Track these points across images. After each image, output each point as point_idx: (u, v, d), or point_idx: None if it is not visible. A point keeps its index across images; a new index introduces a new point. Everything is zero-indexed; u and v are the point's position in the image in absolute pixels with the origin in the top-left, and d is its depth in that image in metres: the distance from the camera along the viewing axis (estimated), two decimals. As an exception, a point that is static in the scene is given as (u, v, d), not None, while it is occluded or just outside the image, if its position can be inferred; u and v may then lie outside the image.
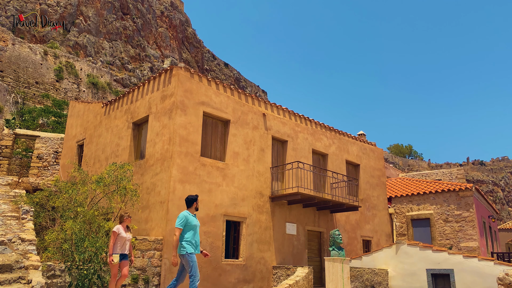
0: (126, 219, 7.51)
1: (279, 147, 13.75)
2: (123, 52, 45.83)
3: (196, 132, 11.00)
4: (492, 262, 11.55)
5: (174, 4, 58.60)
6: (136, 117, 12.19)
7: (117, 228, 7.29)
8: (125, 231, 7.40)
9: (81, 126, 15.78)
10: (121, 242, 7.29)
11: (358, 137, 17.53)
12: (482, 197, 19.56)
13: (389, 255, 13.58)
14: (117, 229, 7.26)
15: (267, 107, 13.48)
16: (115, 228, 7.28)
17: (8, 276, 6.31)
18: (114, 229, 7.26)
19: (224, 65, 64.28)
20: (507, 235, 31.12)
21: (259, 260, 11.87)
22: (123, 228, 7.35)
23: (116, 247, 7.19)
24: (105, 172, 9.33)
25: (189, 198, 6.73)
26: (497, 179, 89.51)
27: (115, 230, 7.25)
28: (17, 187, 13.42)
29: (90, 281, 7.65)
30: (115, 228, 7.27)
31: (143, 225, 10.45)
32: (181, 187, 10.28)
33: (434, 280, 12.63)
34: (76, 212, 8.54)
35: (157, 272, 9.49)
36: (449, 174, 26.14)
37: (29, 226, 9.08)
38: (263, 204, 12.39)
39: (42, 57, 33.22)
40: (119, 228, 7.29)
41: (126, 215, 7.52)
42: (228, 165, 11.66)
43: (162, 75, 11.54)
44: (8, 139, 18.97)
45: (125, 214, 7.52)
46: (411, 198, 18.61)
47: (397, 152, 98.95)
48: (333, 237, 11.40)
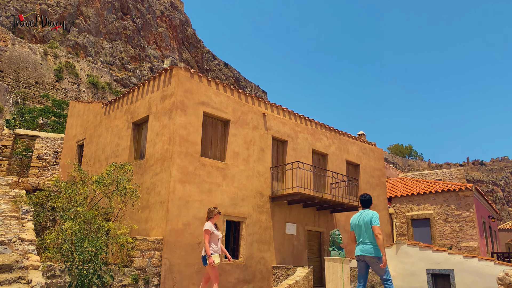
0: (216, 214, 6.95)
1: (279, 147, 13.75)
2: (123, 52, 45.83)
3: (196, 132, 11.00)
4: (492, 262, 11.55)
5: (174, 4, 58.61)
6: (136, 117, 12.19)
7: (210, 226, 6.76)
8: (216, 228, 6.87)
9: (81, 126, 15.78)
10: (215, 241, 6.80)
11: (358, 137, 17.53)
12: (482, 197, 19.56)
13: (389, 255, 13.57)
14: (209, 227, 6.74)
15: (267, 107, 13.48)
16: (207, 226, 6.73)
17: (8, 276, 6.31)
18: (206, 227, 6.71)
19: (224, 65, 64.28)
20: (507, 235, 31.12)
21: (259, 260, 11.87)
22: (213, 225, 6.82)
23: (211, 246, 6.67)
24: (105, 172, 9.33)
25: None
26: (497, 179, 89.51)
27: (208, 228, 6.70)
28: (17, 187, 13.42)
29: (90, 281, 7.64)
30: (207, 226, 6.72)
31: (143, 225, 10.45)
32: (181, 187, 10.28)
33: (434, 280, 12.63)
34: (76, 212, 8.54)
35: (157, 272, 9.49)
36: (449, 174, 26.14)
37: (29, 226, 9.08)
38: (263, 204, 12.39)
39: (42, 57, 33.22)
40: (211, 226, 6.78)
41: (216, 211, 6.95)
42: (228, 165, 11.66)
43: (162, 75, 11.54)
44: (8, 139, 18.96)
45: (214, 210, 6.96)
46: (411, 198, 18.61)
47: (397, 152, 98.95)
48: (333, 237, 11.39)
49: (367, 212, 6.12)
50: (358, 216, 6.16)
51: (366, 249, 5.92)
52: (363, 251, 5.94)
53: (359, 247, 6.03)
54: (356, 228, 6.13)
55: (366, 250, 5.93)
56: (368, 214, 6.07)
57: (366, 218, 6.04)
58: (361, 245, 6.00)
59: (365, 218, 6.05)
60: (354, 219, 6.20)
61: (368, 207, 6.26)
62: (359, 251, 6.02)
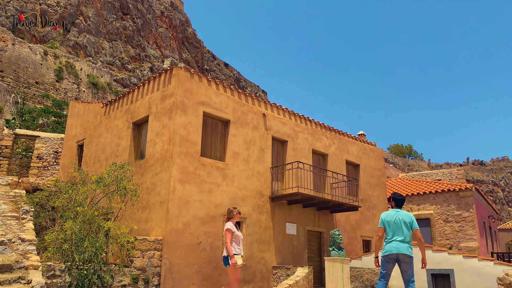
0: (236, 214, 6.77)
1: (279, 147, 13.75)
2: (123, 52, 45.83)
3: (196, 132, 11.00)
4: (492, 262, 11.55)
5: (174, 4, 58.61)
6: (136, 117, 12.19)
7: (231, 225, 6.58)
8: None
9: (81, 126, 15.78)
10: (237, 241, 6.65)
11: (358, 137, 17.54)
12: (482, 197, 19.56)
13: (389, 255, 13.56)
14: (231, 226, 6.56)
15: (267, 107, 13.48)
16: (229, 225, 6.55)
17: (8, 276, 6.31)
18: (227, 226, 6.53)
19: (224, 65, 64.29)
20: (507, 235, 31.13)
21: (259, 260, 11.87)
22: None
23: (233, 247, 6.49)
24: (105, 172, 9.33)
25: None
26: (497, 179, 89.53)
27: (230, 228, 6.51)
28: (17, 187, 13.42)
29: (90, 281, 7.64)
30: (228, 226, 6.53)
31: (143, 225, 10.45)
32: (181, 187, 10.28)
33: (434, 280, 12.63)
34: (76, 212, 8.54)
35: (157, 272, 9.49)
36: (449, 174, 26.14)
37: (29, 226, 9.09)
38: (263, 204, 12.39)
39: (42, 57, 33.23)
40: (232, 226, 6.60)
41: (235, 210, 6.78)
42: (228, 165, 11.66)
43: (162, 75, 11.54)
44: (8, 139, 18.97)
45: (234, 209, 6.79)
46: (411, 198, 18.60)
47: (397, 152, 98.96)
48: (333, 237, 11.40)
49: (406, 213, 6.09)
50: (395, 214, 6.03)
51: (403, 248, 5.82)
52: (399, 250, 5.81)
53: (392, 245, 5.87)
54: (390, 226, 5.97)
55: (402, 248, 5.81)
56: (408, 215, 6.05)
57: (406, 218, 5.99)
58: (395, 242, 5.86)
59: (404, 218, 5.99)
60: (389, 216, 6.04)
61: (401, 207, 6.20)
62: (393, 249, 5.85)
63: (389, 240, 5.95)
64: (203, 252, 10.41)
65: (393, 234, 5.94)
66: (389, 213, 6.13)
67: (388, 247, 5.91)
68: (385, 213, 6.16)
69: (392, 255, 5.85)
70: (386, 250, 5.92)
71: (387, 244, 5.98)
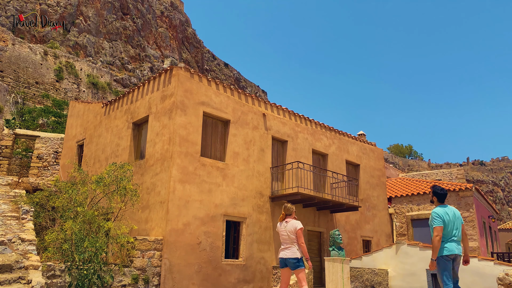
0: (294, 212, 6.42)
1: (279, 147, 13.75)
2: (123, 52, 45.83)
3: (196, 132, 11.00)
4: (492, 262, 11.55)
5: (174, 4, 58.61)
6: (136, 117, 12.19)
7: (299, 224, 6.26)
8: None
9: (81, 126, 15.78)
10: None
11: (358, 137, 17.53)
12: (482, 197, 19.56)
13: (389, 255, 13.57)
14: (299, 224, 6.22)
15: (267, 107, 13.48)
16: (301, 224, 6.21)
17: (8, 276, 6.32)
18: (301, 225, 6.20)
19: (224, 65, 64.29)
20: (507, 235, 31.14)
21: (259, 260, 11.87)
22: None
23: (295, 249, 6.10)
24: (105, 172, 9.33)
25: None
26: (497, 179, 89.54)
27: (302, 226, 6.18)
28: (17, 187, 13.42)
29: (90, 281, 7.64)
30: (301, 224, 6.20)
31: (143, 225, 10.45)
32: (181, 187, 10.28)
33: (434, 280, 12.62)
34: (76, 212, 8.54)
35: (157, 272, 9.49)
36: (449, 174, 26.14)
37: (29, 226, 9.09)
38: (263, 204, 12.39)
39: (42, 57, 33.23)
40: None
41: (292, 208, 6.41)
42: (228, 165, 11.66)
43: (162, 75, 11.54)
44: (8, 139, 18.96)
45: (291, 207, 6.40)
46: (411, 198, 18.61)
47: (397, 152, 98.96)
48: (333, 237, 11.39)
49: (454, 208, 5.71)
50: (448, 211, 5.61)
51: (460, 248, 5.51)
52: (459, 250, 5.48)
53: (453, 244, 5.48)
54: (449, 224, 5.53)
55: (460, 249, 5.51)
56: (456, 210, 5.69)
57: (458, 214, 5.64)
58: (455, 243, 5.50)
59: (457, 213, 5.64)
60: (446, 214, 5.57)
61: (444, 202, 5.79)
62: (455, 249, 5.45)
63: (449, 239, 5.53)
64: (203, 252, 10.40)
65: (450, 233, 5.52)
66: (442, 211, 5.64)
67: (449, 246, 5.49)
68: (440, 210, 5.65)
69: (453, 255, 5.48)
70: (448, 249, 5.49)
71: (446, 243, 5.52)
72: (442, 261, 5.53)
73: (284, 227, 6.34)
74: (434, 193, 5.78)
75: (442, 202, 5.75)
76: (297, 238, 6.19)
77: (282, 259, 6.31)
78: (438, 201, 5.76)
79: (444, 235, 5.53)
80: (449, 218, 5.55)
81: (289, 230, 6.25)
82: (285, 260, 6.23)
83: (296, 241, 6.20)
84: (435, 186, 5.82)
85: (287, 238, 6.27)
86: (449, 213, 5.58)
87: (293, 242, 6.22)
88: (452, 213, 5.60)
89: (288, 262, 6.20)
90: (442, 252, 5.52)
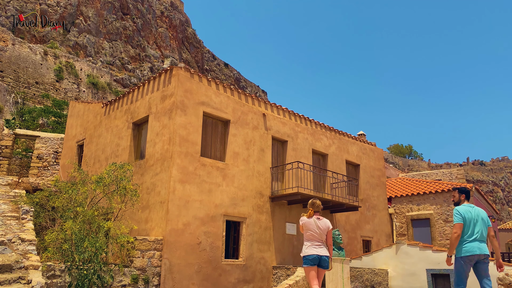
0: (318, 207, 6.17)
1: (279, 147, 13.75)
2: (123, 52, 45.83)
3: (196, 132, 11.00)
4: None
5: (174, 4, 58.60)
6: (136, 117, 12.19)
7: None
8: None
9: (81, 126, 15.78)
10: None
11: (358, 137, 17.53)
12: (482, 197, 19.56)
13: (389, 255, 13.57)
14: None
15: (267, 107, 13.48)
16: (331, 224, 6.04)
17: (8, 276, 6.31)
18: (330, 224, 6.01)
19: (224, 65, 64.28)
20: (507, 235, 31.14)
21: (259, 260, 11.87)
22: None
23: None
24: (105, 172, 9.33)
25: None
26: (497, 179, 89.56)
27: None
28: (17, 187, 13.42)
29: (90, 281, 7.64)
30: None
31: (143, 225, 10.45)
32: (181, 187, 10.28)
33: (434, 280, 12.62)
34: (76, 212, 8.54)
35: (157, 272, 9.49)
36: (449, 174, 26.14)
37: (29, 226, 9.09)
38: (263, 204, 12.39)
39: (42, 57, 33.22)
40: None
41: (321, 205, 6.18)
42: (228, 165, 11.66)
43: (162, 75, 11.54)
44: (8, 139, 18.96)
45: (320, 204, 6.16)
46: (411, 198, 18.61)
47: (397, 152, 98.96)
48: (333, 237, 11.40)
49: (479, 209, 5.53)
50: (472, 210, 5.45)
51: (484, 248, 5.31)
52: (481, 250, 5.29)
53: (474, 244, 5.29)
54: (470, 223, 5.36)
55: (484, 249, 5.31)
56: (482, 210, 5.52)
57: (483, 214, 5.45)
58: (477, 242, 5.30)
59: (481, 214, 5.45)
60: (468, 212, 5.41)
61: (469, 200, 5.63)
62: (476, 249, 5.27)
63: (469, 239, 5.33)
64: (203, 252, 10.41)
65: (473, 233, 5.33)
66: (467, 208, 5.49)
67: (469, 247, 5.30)
68: (463, 208, 5.50)
69: (474, 256, 5.30)
70: (468, 250, 5.30)
71: (467, 243, 5.33)
72: (459, 262, 5.43)
73: (315, 224, 6.00)
74: (461, 191, 5.66)
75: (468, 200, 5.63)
76: (328, 238, 6.03)
77: (316, 256, 5.89)
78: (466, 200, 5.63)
79: (464, 233, 5.38)
80: (471, 216, 5.39)
81: (323, 228, 6.00)
82: (320, 258, 5.90)
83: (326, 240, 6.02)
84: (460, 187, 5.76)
85: (318, 236, 5.97)
86: (471, 211, 5.45)
87: (323, 240, 6.00)
88: (476, 212, 5.45)
89: (323, 260, 5.91)
90: (461, 253, 5.40)
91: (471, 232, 5.35)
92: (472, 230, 5.35)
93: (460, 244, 5.42)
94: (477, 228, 5.34)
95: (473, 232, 5.34)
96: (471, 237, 5.34)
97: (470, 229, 5.36)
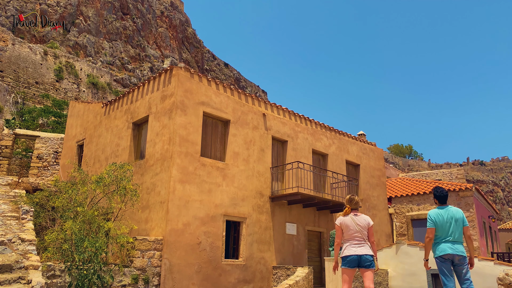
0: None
1: (279, 147, 13.75)
2: (123, 52, 45.83)
3: (196, 132, 11.00)
4: (492, 262, 11.54)
5: (174, 4, 58.60)
6: (136, 117, 12.19)
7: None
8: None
9: (81, 126, 15.78)
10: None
11: (358, 137, 17.53)
12: (482, 197, 19.55)
13: (389, 255, 13.57)
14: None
15: (267, 107, 13.48)
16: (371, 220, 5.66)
17: (8, 276, 6.31)
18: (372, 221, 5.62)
19: (224, 65, 64.27)
20: (507, 235, 31.13)
21: (259, 260, 11.87)
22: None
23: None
24: (105, 172, 9.34)
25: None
26: (497, 179, 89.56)
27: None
28: (17, 187, 13.42)
29: (90, 281, 7.64)
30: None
31: (143, 225, 10.45)
32: (181, 187, 10.28)
33: (434, 280, 12.62)
34: (76, 212, 8.54)
35: (157, 272, 9.49)
36: (449, 174, 26.13)
37: (29, 226, 9.09)
38: (263, 204, 12.39)
39: (42, 57, 33.22)
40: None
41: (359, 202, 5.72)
42: (228, 165, 11.65)
43: (162, 75, 11.54)
44: (8, 139, 18.96)
45: (359, 201, 5.69)
46: (411, 198, 18.60)
47: (397, 152, 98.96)
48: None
49: (456, 209, 5.59)
50: (445, 212, 5.55)
51: (459, 249, 5.42)
52: (454, 250, 5.40)
53: (447, 245, 5.44)
54: (442, 225, 5.49)
55: (458, 249, 5.41)
56: (458, 211, 5.57)
57: (458, 215, 5.52)
58: (450, 243, 5.44)
59: (456, 215, 5.52)
60: (439, 215, 5.54)
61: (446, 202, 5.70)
62: (448, 249, 5.41)
63: (442, 240, 5.51)
64: (203, 252, 10.41)
65: (446, 234, 5.48)
66: (438, 212, 5.60)
67: (442, 247, 5.48)
68: (434, 212, 5.62)
69: (447, 255, 5.43)
70: (441, 250, 5.48)
71: (439, 245, 5.53)
72: (436, 262, 5.57)
73: (353, 221, 5.51)
74: (435, 196, 5.78)
75: (443, 203, 5.72)
76: (369, 235, 5.52)
77: (355, 257, 5.42)
78: (439, 203, 5.74)
79: (437, 236, 5.58)
80: (443, 219, 5.53)
81: (362, 225, 5.50)
82: (360, 258, 5.41)
83: (368, 238, 5.53)
84: (435, 188, 5.83)
85: (358, 234, 5.46)
86: (443, 214, 5.57)
87: (364, 238, 5.50)
88: (448, 214, 5.56)
89: (364, 259, 5.42)
90: (435, 254, 5.58)
91: (444, 234, 5.52)
92: (446, 232, 5.51)
93: (434, 246, 5.64)
94: (451, 229, 5.50)
95: (446, 234, 5.51)
96: (444, 238, 5.52)
97: (442, 231, 5.53)
